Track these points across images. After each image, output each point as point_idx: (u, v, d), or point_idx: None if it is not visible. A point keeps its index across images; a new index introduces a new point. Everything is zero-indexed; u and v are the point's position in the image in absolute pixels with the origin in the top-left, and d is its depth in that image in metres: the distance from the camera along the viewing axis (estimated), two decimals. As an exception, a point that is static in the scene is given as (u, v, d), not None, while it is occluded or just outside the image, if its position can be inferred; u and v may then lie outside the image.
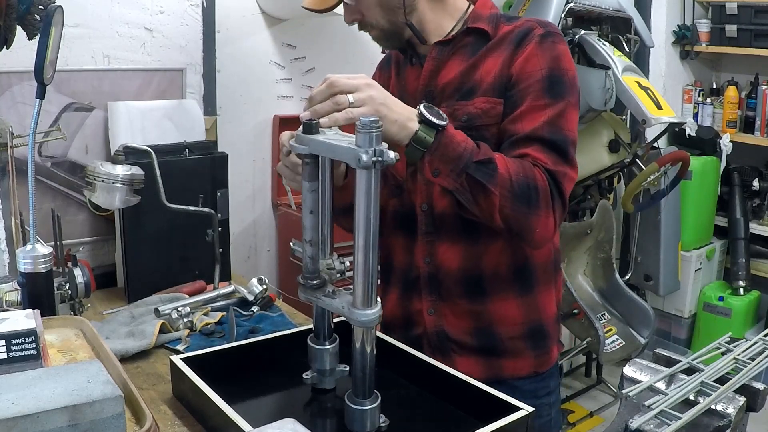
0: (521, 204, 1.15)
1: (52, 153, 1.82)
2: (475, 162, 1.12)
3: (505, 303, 1.32)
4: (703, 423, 0.81)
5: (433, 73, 1.30)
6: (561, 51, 1.23)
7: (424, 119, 1.10)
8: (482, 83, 1.25)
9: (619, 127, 2.77)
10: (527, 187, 1.15)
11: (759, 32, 3.24)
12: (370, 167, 0.90)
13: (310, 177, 1.03)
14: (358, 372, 1.00)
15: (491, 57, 1.26)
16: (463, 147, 1.12)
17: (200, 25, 2.02)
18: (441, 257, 1.32)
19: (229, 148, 1.96)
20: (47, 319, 1.17)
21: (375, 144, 0.90)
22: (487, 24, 1.28)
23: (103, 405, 0.82)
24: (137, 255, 1.74)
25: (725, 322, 3.35)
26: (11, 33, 1.34)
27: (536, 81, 1.21)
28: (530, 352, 1.34)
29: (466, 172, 1.12)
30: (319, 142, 0.99)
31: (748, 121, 3.44)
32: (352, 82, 1.06)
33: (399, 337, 1.42)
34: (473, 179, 1.12)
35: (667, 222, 3.23)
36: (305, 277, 1.06)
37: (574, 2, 2.58)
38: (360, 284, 0.95)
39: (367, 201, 0.92)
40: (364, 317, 0.96)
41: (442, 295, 1.34)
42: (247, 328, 1.54)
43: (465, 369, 1.31)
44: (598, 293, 2.96)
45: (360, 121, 0.90)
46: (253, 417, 0.97)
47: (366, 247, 0.94)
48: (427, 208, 1.32)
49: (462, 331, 1.34)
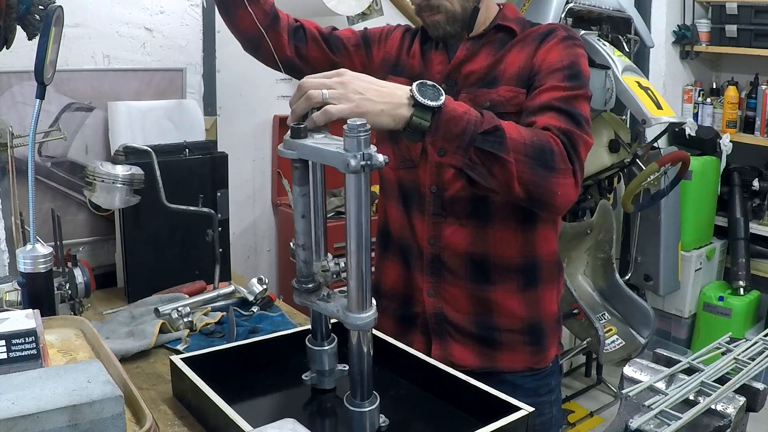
0: (539, 167, 1.11)
1: (52, 153, 1.82)
2: (481, 133, 1.08)
3: (507, 294, 1.33)
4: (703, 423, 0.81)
5: (461, 62, 1.34)
6: (580, 53, 1.29)
7: (417, 103, 1.04)
8: (506, 73, 1.30)
9: (619, 127, 2.77)
10: (542, 150, 1.11)
11: (759, 32, 3.24)
12: (359, 172, 0.89)
13: (300, 182, 1.02)
14: (356, 375, 1.00)
15: (515, 50, 1.31)
16: (466, 120, 1.07)
17: (200, 25, 2.02)
18: (447, 239, 1.33)
19: (229, 148, 1.95)
20: (47, 319, 1.16)
21: (363, 148, 0.89)
22: (514, 24, 1.34)
23: (103, 405, 0.82)
24: (137, 255, 1.74)
25: (725, 322, 3.36)
26: (11, 33, 1.34)
27: (557, 69, 1.24)
28: (526, 347, 1.35)
29: (474, 145, 1.07)
30: (307, 147, 0.97)
31: (748, 121, 3.44)
32: (322, 80, 1.03)
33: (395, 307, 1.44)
34: (483, 151, 1.08)
35: (667, 222, 3.24)
36: (299, 281, 1.05)
37: (574, 2, 2.58)
38: (354, 288, 0.95)
39: (358, 205, 0.91)
40: (360, 321, 0.96)
41: (444, 277, 1.35)
42: (247, 328, 1.54)
43: (460, 356, 1.33)
44: (598, 293, 2.96)
45: (347, 125, 0.89)
46: (253, 417, 0.97)
47: (358, 251, 0.93)
48: (436, 190, 1.33)
49: (461, 316, 1.35)
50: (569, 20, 2.65)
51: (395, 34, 1.48)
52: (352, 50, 1.50)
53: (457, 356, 1.35)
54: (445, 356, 1.35)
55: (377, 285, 1.51)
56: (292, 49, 1.48)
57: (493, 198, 1.29)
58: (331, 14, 2.23)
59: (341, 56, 1.49)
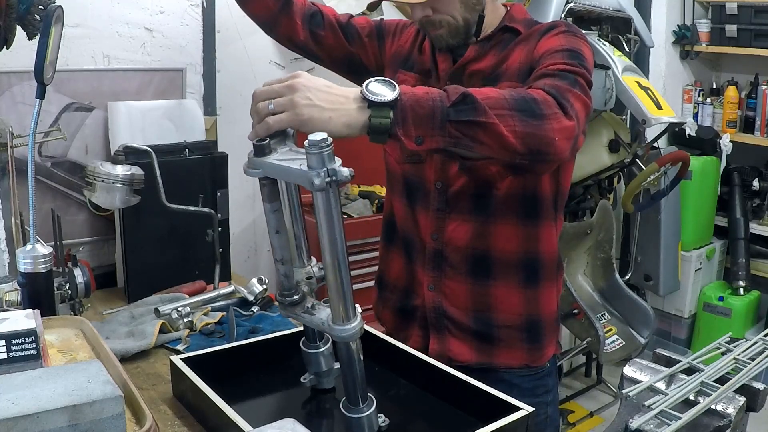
0: (527, 117, 1.05)
1: (52, 153, 1.82)
2: (451, 106, 1.01)
3: (508, 290, 1.33)
4: (703, 423, 0.81)
5: (467, 61, 1.34)
6: (581, 43, 1.26)
7: (371, 102, 0.97)
8: (508, 70, 1.30)
9: (619, 127, 2.77)
10: (524, 100, 1.06)
11: (759, 32, 3.24)
12: (325, 189, 0.86)
13: (270, 198, 0.99)
14: (349, 382, 0.99)
15: (518, 48, 1.31)
16: (431, 98, 1.01)
17: (200, 25, 2.01)
18: (450, 234, 1.34)
19: (229, 148, 1.95)
20: (47, 319, 1.16)
21: (327, 163, 0.86)
22: (521, 25, 1.34)
23: (103, 405, 0.82)
24: (137, 255, 1.74)
25: (725, 322, 3.36)
26: (11, 33, 1.34)
27: (556, 51, 1.22)
28: (524, 344, 1.36)
29: (448, 120, 1.01)
30: (272, 165, 0.93)
31: (748, 121, 3.44)
32: (272, 88, 0.98)
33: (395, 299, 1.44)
34: (460, 122, 1.02)
35: (667, 222, 3.24)
36: (282, 295, 1.04)
37: (574, 2, 2.58)
38: (335, 300, 0.94)
39: (329, 221, 0.89)
40: (345, 332, 0.95)
41: (445, 271, 1.35)
42: (247, 328, 1.54)
43: (457, 351, 1.34)
44: (598, 293, 2.96)
45: (308, 141, 0.85)
46: (253, 417, 0.97)
47: (334, 265, 0.92)
48: (441, 186, 1.34)
49: (460, 311, 1.35)
50: (569, 20, 2.65)
51: (410, 29, 1.47)
52: (366, 41, 1.49)
53: (455, 351, 1.36)
54: (443, 351, 1.36)
55: (381, 276, 1.53)
56: (306, 34, 1.48)
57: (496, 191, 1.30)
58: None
59: (356, 46, 1.49)
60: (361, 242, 2.29)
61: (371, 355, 1.13)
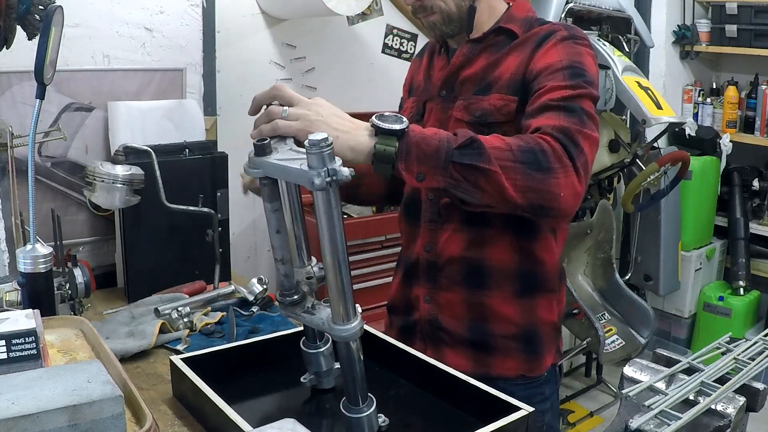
0: (533, 170, 1.04)
1: (52, 153, 1.82)
2: (457, 148, 1.02)
3: (503, 301, 1.31)
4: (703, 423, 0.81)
5: (458, 68, 1.32)
6: (582, 51, 1.23)
7: (379, 129, 1.00)
8: (500, 79, 1.26)
9: (619, 127, 2.77)
10: (532, 152, 1.05)
11: (759, 32, 3.24)
12: (326, 188, 0.87)
13: (270, 197, 1.00)
14: (349, 382, 0.99)
15: (513, 55, 1.27)
16: (438, 138, 1.02)
17: (200, 25, 2.02)
18: (443, 245, 1.32)
19: (229, 148, 1.95)
20: (47, 319, 1.16)
21: (328, 163, 0.86)
22: (518, 26, 1.30)
23: (103, 405, 0.82)
24: (137, 255, 1.74)
25: (725, 322, 3.36)
26: (11, 33, 1.34)
27: (557, 70, 1.18)
28: (520, 354, 1.34)
29: (451, 161, 1.01)
30: (272, 165, 0.93)
31: (748, 121, 3.44)
32: (293, 94, 0.99)
33: (399, 320, 1.44)
34: (463, 166, 1.02)
35: (667, 222, 3.24)
36: (282, 294, 1.04)
37: (574, 2, 2.59)
38: (335, 300, 0.94)
39: (329, 220, 0.89)
40: (345, 332, 0.95)
41: (440, 283, 1.34)
42: (247, 328, 1.54)
43: (454, 362, 1.32)
44: (598, 293, 2.96)
45: (308, 140, 0.86)
46: (253, 417, 0.97)
47: (334, 265, 0.92)
48: (433, 197, 1.33)
49: (456, 322, 1.34)
50: (569, 20, 2.66)
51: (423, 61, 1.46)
52: None
53: (451, 362, 1.34)
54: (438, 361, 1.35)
55: (389, 301, 1.51)
56: None
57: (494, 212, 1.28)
58: (330, 14, 2.23)
59: None
60: (361, 242, 2.29)
61: (371, 355, 1.13)
